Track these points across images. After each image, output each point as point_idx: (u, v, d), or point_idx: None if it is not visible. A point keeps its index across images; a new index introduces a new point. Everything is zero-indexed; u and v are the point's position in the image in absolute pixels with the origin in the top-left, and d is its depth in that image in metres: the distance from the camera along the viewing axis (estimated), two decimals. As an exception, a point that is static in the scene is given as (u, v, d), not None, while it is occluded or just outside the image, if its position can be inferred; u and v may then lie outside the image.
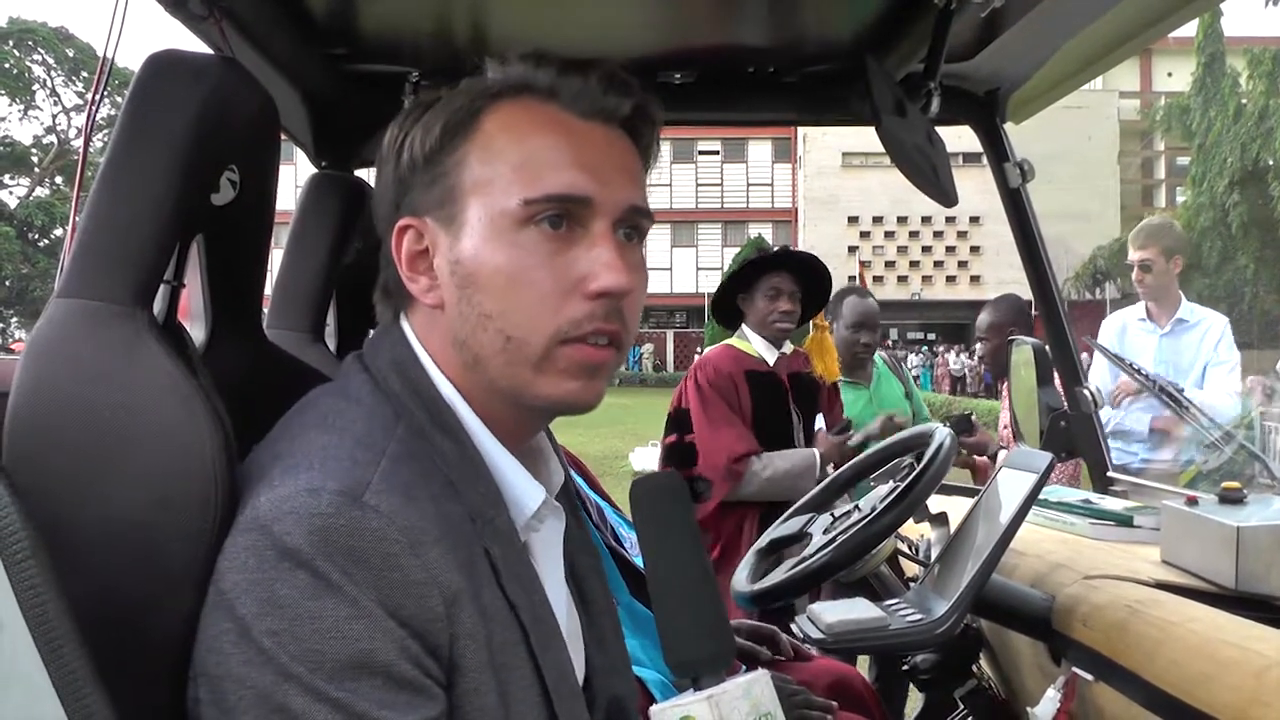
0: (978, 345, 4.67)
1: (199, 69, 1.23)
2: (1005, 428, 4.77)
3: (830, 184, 47.58)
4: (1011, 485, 1.86)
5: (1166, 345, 4.80)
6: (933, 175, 1.92)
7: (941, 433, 1.99)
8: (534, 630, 1.12)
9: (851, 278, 43.28)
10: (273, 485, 1.03)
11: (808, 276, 4.09)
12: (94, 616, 1.01)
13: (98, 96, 1.39)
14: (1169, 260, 4.90)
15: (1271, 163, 36.02)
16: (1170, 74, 47.83)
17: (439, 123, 1.17)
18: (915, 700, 2.45)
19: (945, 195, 1.96)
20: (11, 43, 47.75)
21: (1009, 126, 2.50)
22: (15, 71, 47.95)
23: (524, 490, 1.19)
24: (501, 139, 1.15)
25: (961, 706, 2.13)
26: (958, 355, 40.10)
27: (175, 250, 1.22)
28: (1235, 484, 1.93)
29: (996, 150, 2.46)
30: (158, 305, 1.25)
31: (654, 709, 1.16)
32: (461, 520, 1.10)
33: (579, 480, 2.18)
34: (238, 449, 1.19)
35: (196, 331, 1.42)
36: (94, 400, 1.06)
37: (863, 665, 4.36)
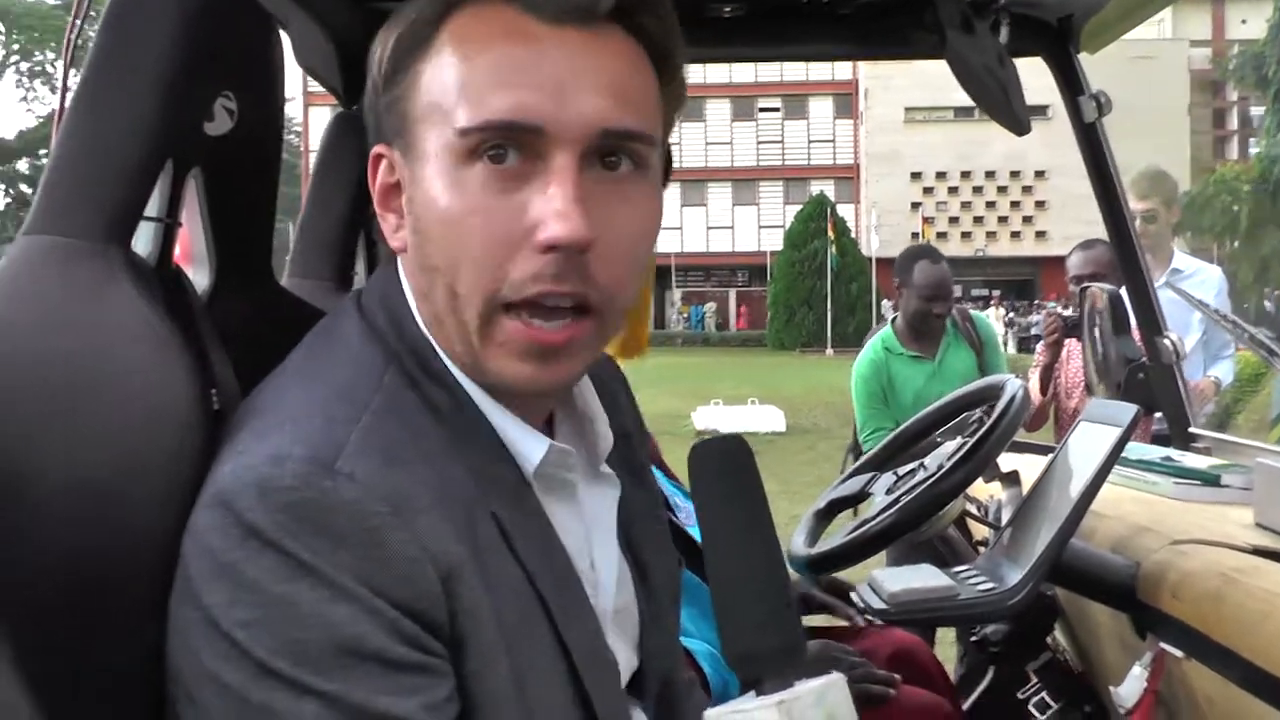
0: (1076, 288, 4.29)
1: None
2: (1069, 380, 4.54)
3: (893, 139, 47.10)
4: (1091, 441, 1.70)
5: (1162, 296, 4.54)
6: (1004, 99, 1.76)
7: (1013, 384, 1.84)
8: (555, 600, 0.97)
9: (915, 234, 43.08)
10: (238, 451, 0.89)
11: None
12: (59, 585, 0.90)
13: (78, 23, 1.25)
14: (1169, 210, 4.69)
15: (1350, 110, 35.14)
16: (1244, 21, 46.67)
17: (394, 36, 0.99)
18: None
19: (1017, 121, 1.80)
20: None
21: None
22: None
23: (522, 442, 1.02)
24: (452, 55, 0.96)
25: (1035, 680, 1.99)
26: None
27: (161, 184, 1.10)
28: (1337, 439, 1.76)
29: (1070, 83, 2.29)
30: (147, 245, 1.14)
31: (710, 713, 1.00)
32: (462, 480, 0.94)
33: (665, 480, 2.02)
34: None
35: (200, 277, 1.30)
36: (56, 345, 0.94)
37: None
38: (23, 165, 53.02)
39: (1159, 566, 1.57)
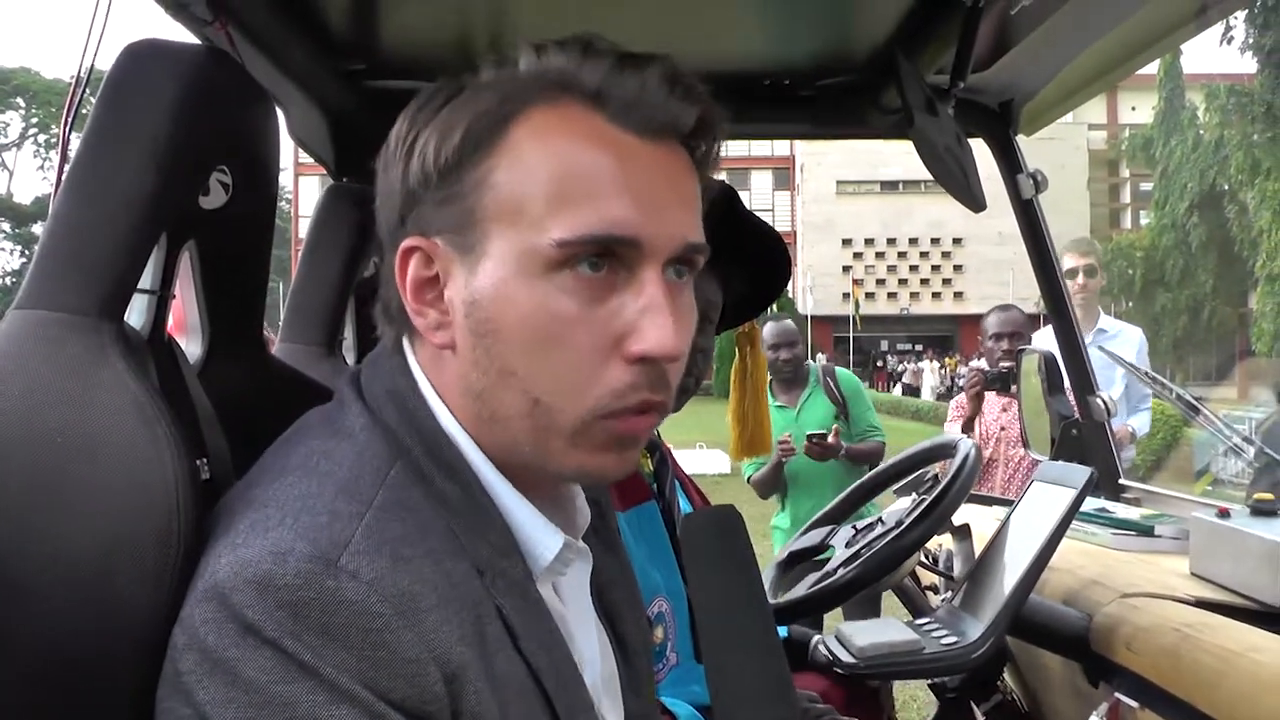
0: (995, 345, 4.39)
1: (181, 58, 1.01)
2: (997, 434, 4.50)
3: (826, 209, 47.46)
4: (1045, 500, 1.63)
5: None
6: (963, 178, 1.69)
7: (966, 444, 1.77)
8: (558, 697, 0.87)
9: (845, 294, 43.47)
10: (236, 544, 0.78)
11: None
12: (43, 673, 0.79)
13: (75, 102, 1.16)
14: (1100, 272, 4.77)
15: (1227, 187, 35.94)
16: (1134, 108, 47.52)
17: (459, 128, 0.86)
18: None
19: (974, 200, 1.73)
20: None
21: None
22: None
23: (539, 538, 0.92)
24: (534, 157, 0.85)
25: (984, 720, 1.90)
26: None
27: (155, 256, 1.01)
28: (1269, 495, 1.69)
29: (1010, 162, 2.24)
30: (140, 317, 1.04)
31: None
32: (466, 578, 0.84)
33: (680, 493, 1.88)
34: (235, 472, 0.98)
35: (192, 347, 1.20)
36: (45, 423, 0.83)
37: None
38: (38, 229, 52.40)
39: (1111, 619, 1.49)
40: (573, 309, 0.84)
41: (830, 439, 4.51)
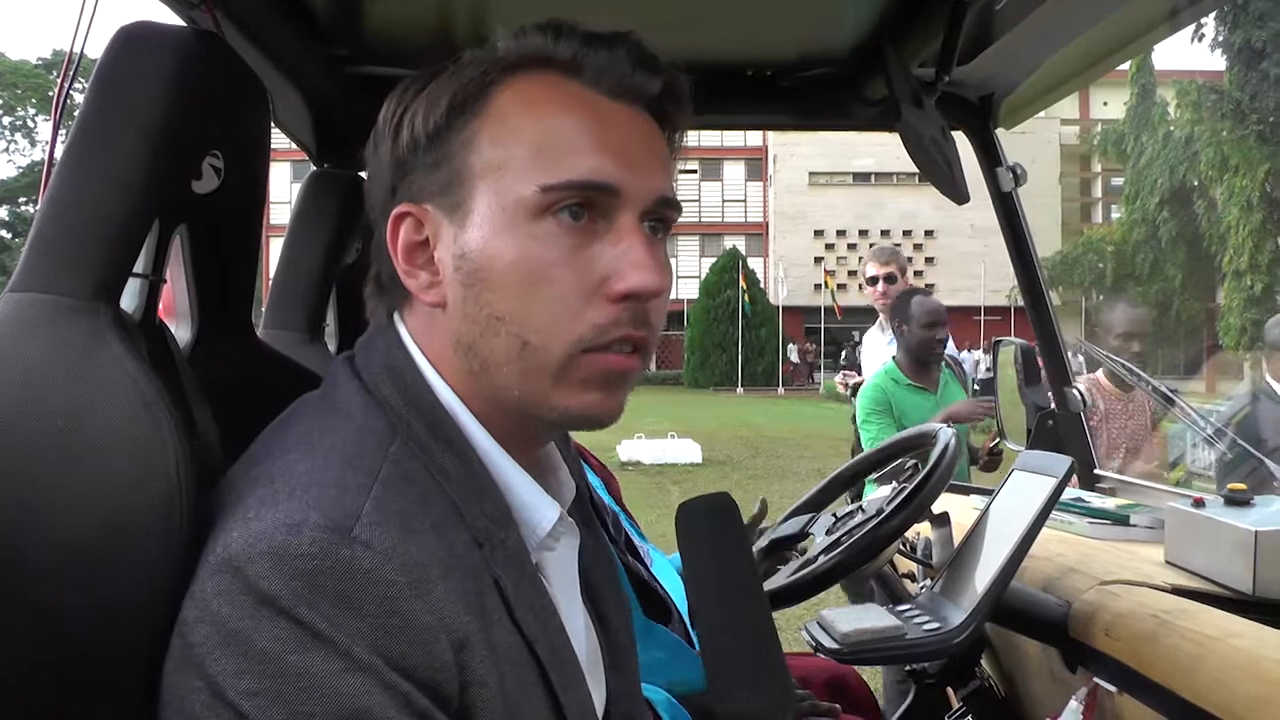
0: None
1: (174, 41, 1.01)
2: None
3: (798, 200, 47.39)
4: (1025, 489, 1.65)
5: (890, 351, 4.68)
6: (948, 171, 1.71)
7: (946, 433, 1.79)
8: (552, 666, 0.89)
9: (818, 285, 43.55)
10: (247, 518, 0.79)
11: None
12: (47, 658, 0.80)
13: (66, 85, 1.16)
14: (904, 276, 4.96)
15: (1197, 183, 36.26)
16: (1106, 103, 47.70)
17: (445, 97, 0.93)
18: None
19: (959, 192, 1.75)
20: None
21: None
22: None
23: (536, 507, 0.95)
24: (517, 117, 0.92)
25: (961, 706, 1.93)
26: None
27: (148, 240, 1.01)
28: (1241, 485, 1.73)
29: (990, 155, 2.26)
30: (133, 301, 1.04)
31: None
32: (467, 549, 0.86)
33: (600, 488, 1.90)
34: (224, 455, 0.99)
35: (182, 331, 1.21)
36: (43, 407, 0.83)
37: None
38: (2, 212, 51.91)
39: (1090, 606, 1.52)
40: (556, 254, 0.90)
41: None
